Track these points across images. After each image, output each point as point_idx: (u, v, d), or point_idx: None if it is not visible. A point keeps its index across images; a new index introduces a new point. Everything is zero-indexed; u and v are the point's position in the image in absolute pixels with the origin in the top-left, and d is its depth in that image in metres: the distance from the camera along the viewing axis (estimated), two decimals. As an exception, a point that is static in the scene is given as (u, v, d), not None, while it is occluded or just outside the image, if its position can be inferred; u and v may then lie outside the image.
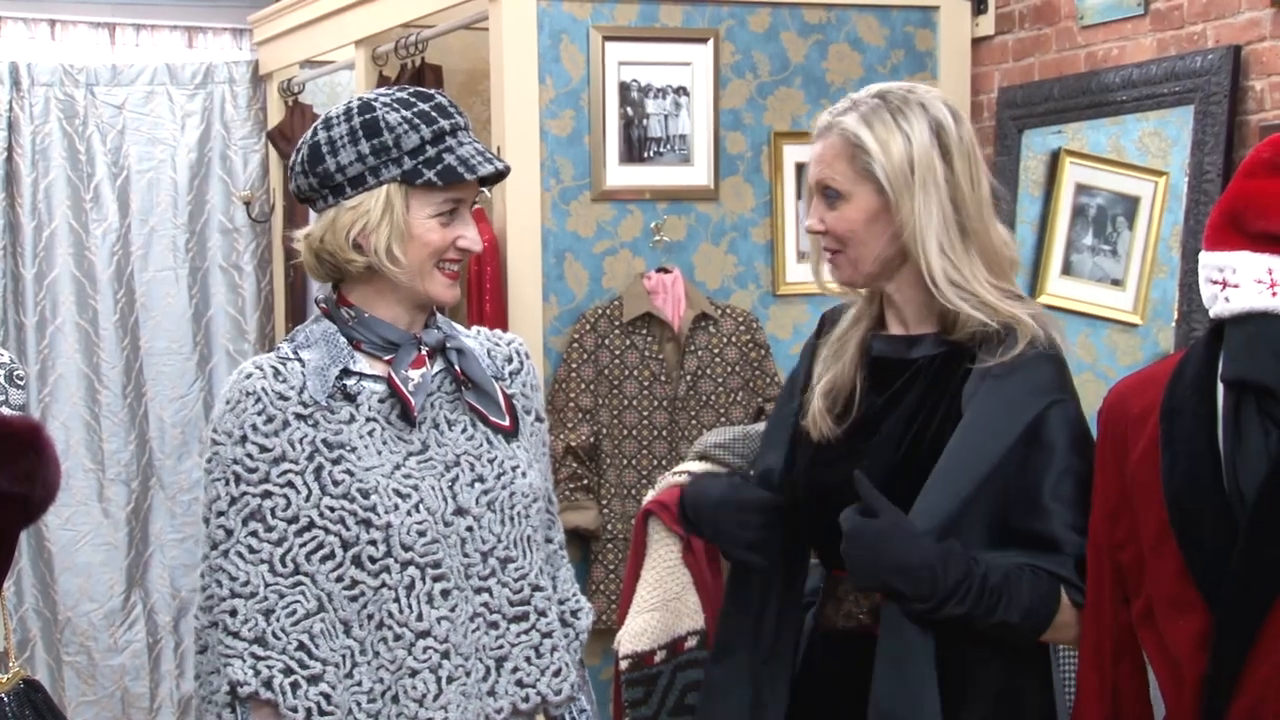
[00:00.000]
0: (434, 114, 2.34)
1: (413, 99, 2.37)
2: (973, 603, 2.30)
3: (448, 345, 2.43)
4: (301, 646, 2.29)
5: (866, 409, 2.48)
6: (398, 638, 2.33)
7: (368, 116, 2.33)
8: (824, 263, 2.53)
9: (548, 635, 2.44)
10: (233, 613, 2.31)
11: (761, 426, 3.70)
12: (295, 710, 2.27)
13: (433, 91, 2.40)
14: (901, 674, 2.35)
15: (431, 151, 2.31)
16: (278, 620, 2.31)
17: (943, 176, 2.41)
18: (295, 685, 2.28)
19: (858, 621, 2.47)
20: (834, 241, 2.46)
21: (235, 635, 2.30)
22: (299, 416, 2.32)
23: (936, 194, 2.41)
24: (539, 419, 2.56)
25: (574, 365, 4.03)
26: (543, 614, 2.44)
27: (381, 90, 2.40)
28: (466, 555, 2.38)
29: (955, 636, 2.34)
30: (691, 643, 3.12)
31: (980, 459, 2.34)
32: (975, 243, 2.43)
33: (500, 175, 2.40)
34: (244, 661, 2.29)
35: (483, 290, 3.96)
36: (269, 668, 2.28)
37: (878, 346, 2.52)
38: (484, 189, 2.52)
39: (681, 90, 4.16)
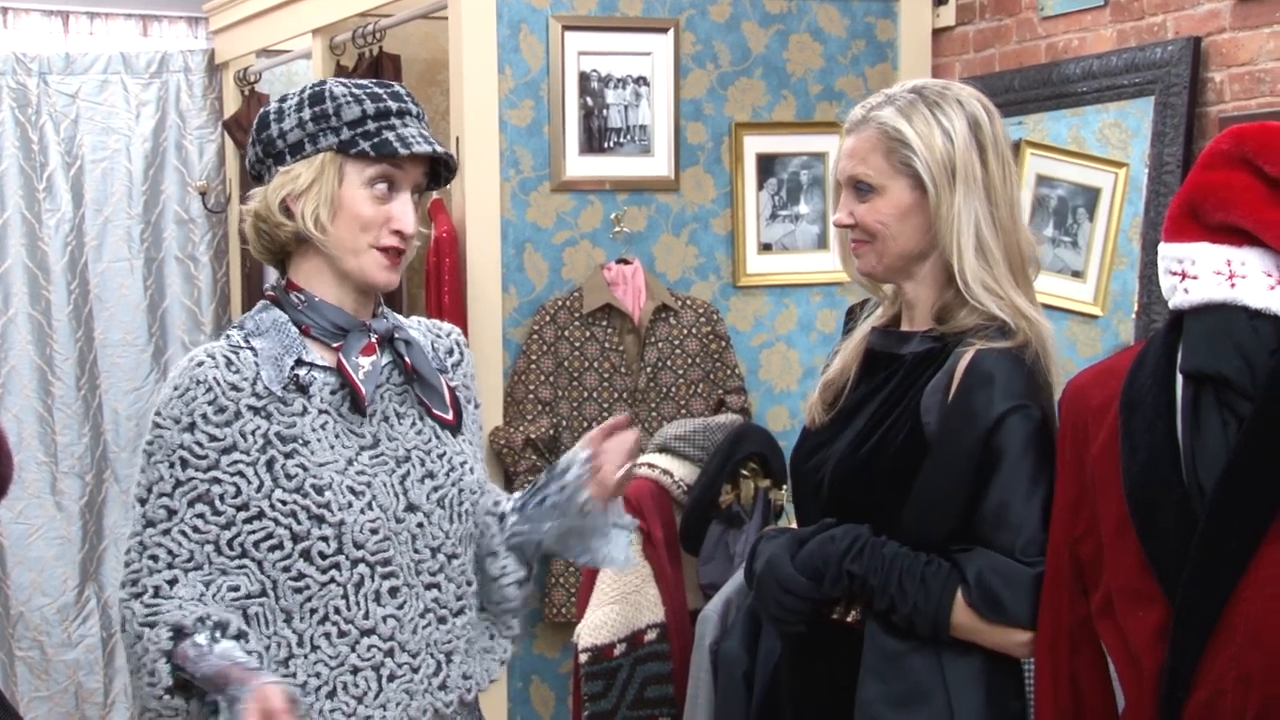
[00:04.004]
0: (384, 95, 2.35)
1: (369, 83, 2.39)
2: (868, 562, 2.34)
3: (396, 336, 2.42)
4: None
5: (847, 400, 2.51)
6: (342, 634, 2.31)
7: (316, 89, 2.36)
8: (850, 253, 2.53)
9: (474, 624, 2.46)
10: (172, 582, 2.28)
11: (723, 419, 3.71)
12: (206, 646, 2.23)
13: (394, 84, 2.41)
14: (886, 677, 2.37)
15: (372, 126, 2.32)
16: (218, 591, 2.28)
17: (980, 174, 2.42)
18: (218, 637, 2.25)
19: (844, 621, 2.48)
20: (863, 234, 2.46)
21: (167, 598, 2.26)
22: (252, 409, 2.31)
23: (975, 192, 2.41)
24: (477, 405, 2.57)
25: (533, 357, 4.03)
26: (475, 607, 2.46)
27: (344, 78, 2.41)
28: (416, 552, 2.37)
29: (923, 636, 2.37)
30: (651, 636, 3.12)
31: (952, 476, 2.36)
32: (1004, 242, 2.43)
33: (446, 166, 2.41)
34: (181, 611, 2.24)
35: (441, 281, 3.95)
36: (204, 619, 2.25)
37: (875, 340, 2.53)
38: (434, 189, 2.51)
39: (642, 80, 4.16)
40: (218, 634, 2.26)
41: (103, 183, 5.74)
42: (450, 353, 2.54)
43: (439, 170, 2.42)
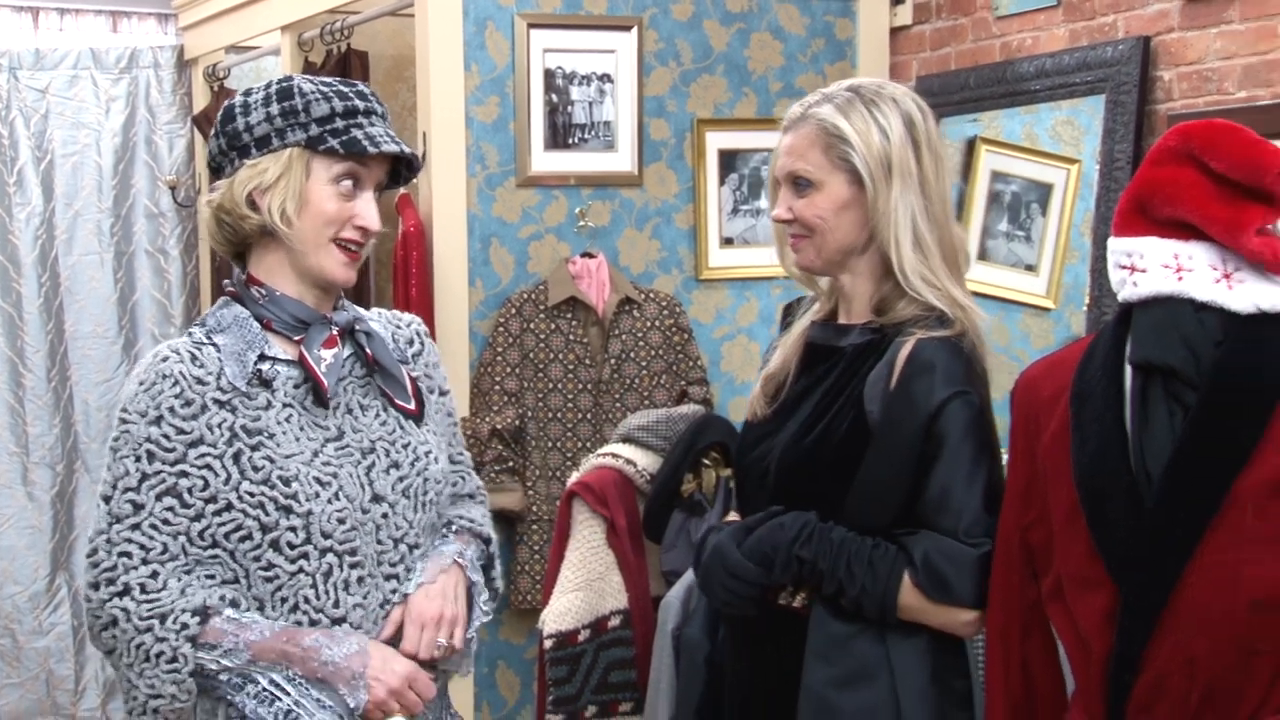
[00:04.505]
0: (351, 95, 2.35)
1: (335, 82, 2.39)
2: (817, 547, 2.35)
3: (357, 328, 2.42)
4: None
5: (789, 393, 2.52)
6: (313, 622, 2.31)
7: (284, 84, 2.34)
8: (788, 248, 2.54)
9: None
10: (154, 575, 2.27)
11: (685, 409, 3.72)
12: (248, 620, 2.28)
13: (359, 83, 2.40)
14: (832, 660, 2.38)
15: (340, 123, 2.32)
16: (198, 580, 2.29)
17: (914, 170, 2.44)
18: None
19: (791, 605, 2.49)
20: (801, 228, 2.48)
21: (162, 589, 2.27)
22: (217, 402, 2.30)
23: (911, 187, 2.43)
24: (442, 392, 2.56)
25: (499, 349, 4.03)
26: None
27: (314, 76, 2.41)
28: (380, 542, 2.37)
29: (871, 622, 2.38)
30: (615, 622, 3.13)
31: (894, 463, 2.38)
32: (938, 235, 2.46)
33: (408, 166, 2.41)
34: (185, 598, 2.26)
35: (409, 275, 3.95)
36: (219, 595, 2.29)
37: (814, 334, 2.55)
38: (402, 185, 2.52)
39: (606, 77, 4.16)
40: (237, 608, 2.30)
41: (73, 177, 5.71)
42: (411, 343, 2.53)
43: (399, 169, 2.42)
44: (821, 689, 2.37)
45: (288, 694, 2.27)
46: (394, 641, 2.36)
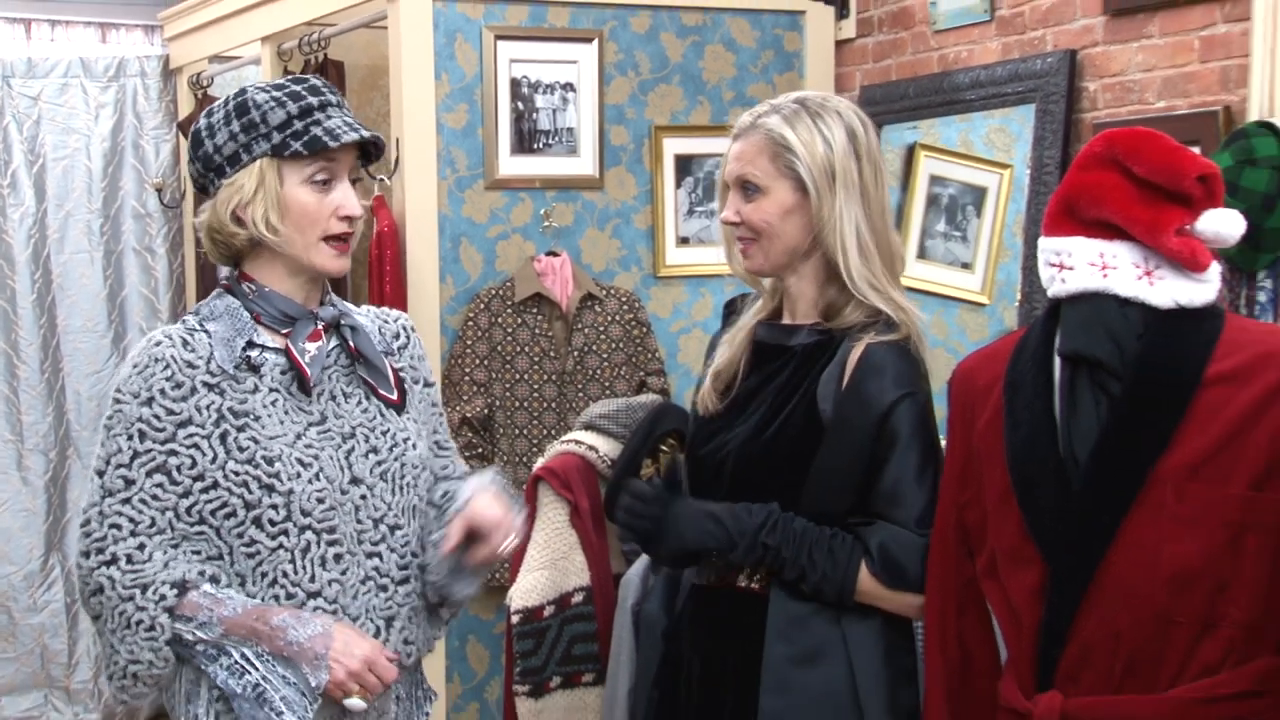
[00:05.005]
0: (303, 92, 2.32)
1: (286, 82, 2.36)
2: (781, 535, 2.36)
3: (342, 322, 2.41)
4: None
5: (741, 389, 2.52)
6: (290, 596, 2.30)
7: (239, 100, 2.33)
8: (736, 250, 2.54)
9: (419, 593, 2.44)
10: (140, 547, 2.27)
11: (644, 398, 3.71)
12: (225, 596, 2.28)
13: (310, 76, 2.38)
14: (791, 638, 2.39)
15: (299, 125, 2.30)
16: (184, 554, 2.28)
17: (856, 179, 2.44)
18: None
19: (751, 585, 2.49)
20: (748, 232, 2.48)
21: (147, 561, 2.27)
22: (206, 385, 2.29)
23: (853, 195, 2.44)
24: (427, 384, 2.55)
25: (469, 342, 4.02)
26: (419, 576, 2.44)
27: (265, 80, 2.38)
28: (360, 522, 2.36)
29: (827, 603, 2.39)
30: (578, 598, 3.12)
31: (847, 457, 2.39)
32: (878, 241, 2.46)
33: (375, 147, 2.38)
34: (168, 570, 2.26)
35: (383, 272, 3.93)
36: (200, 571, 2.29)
37: (762, 333, 2.55)
38: (379, 177, 2.50)
39: (569, 86, 4.15)
40: (215, 584, 2.29)
41: (64, 179, 5.65)
42: (397, 337, 2.52)
43: (368, 149, 2.40)
44: (782, 666, 2.37)
45: (256, 669, 2.27)
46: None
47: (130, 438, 2.28)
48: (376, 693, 2.30)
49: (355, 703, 2.28)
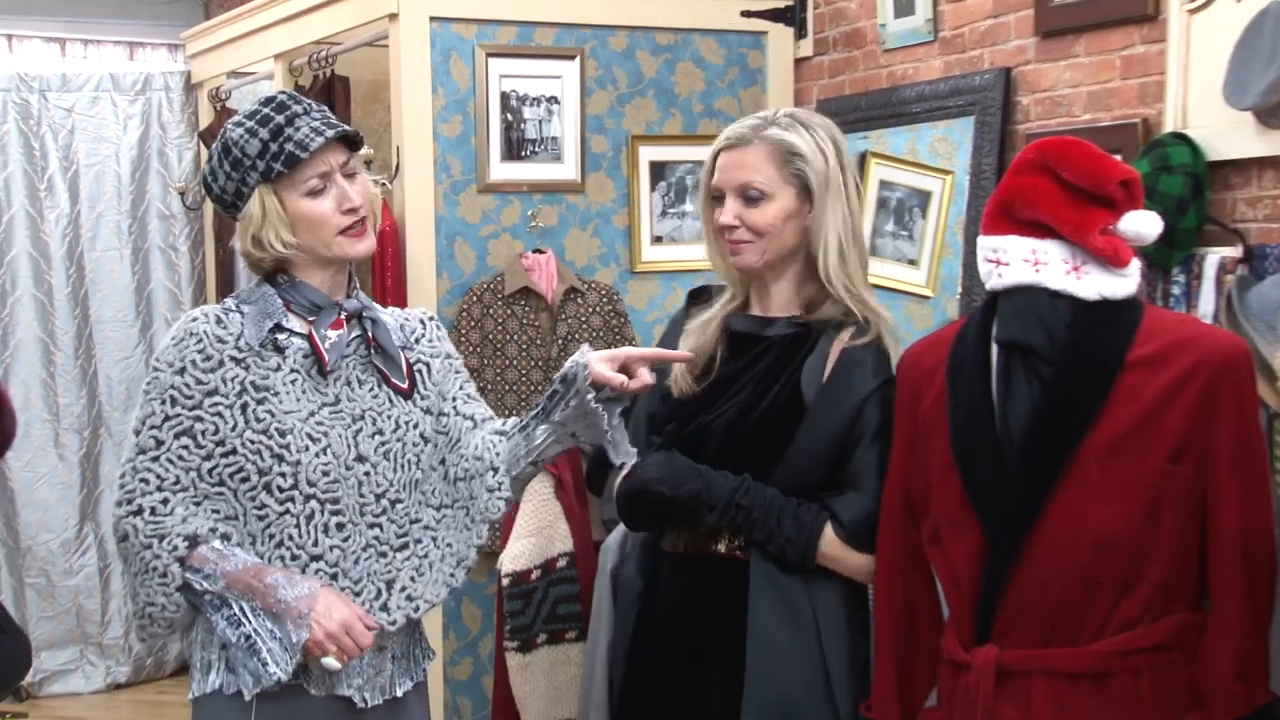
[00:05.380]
0: (270, 114, 2.31)
1: (257, 108, 2.34)
2: (753, 498, 2.36)
3: (364, 314, 2.41)
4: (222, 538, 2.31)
5: (722, 372, 2.50)
6: (294, 558, 2.31)
7: (222, 142, 2.33)
8: (723, 248, 2.49)
9: (425, 557, 2.42)
10: (164, 501, 2.28)
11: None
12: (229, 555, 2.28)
13: (279, 93, 2.36)
14: (771, 598, 2.38)
15: (274, 147, 2.29)
16: (204, 511, 2.29)
17: (843, 188, 2.43)
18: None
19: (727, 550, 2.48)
20: (749, 234, 2.44)
21: (169, 514, 2.28)
22: (234, 359, 2.30)
23: (840, 202, 2.43)
24: (449, 356, 2.53)
25: (463, 331, 4.00)
26: (419, 541, 2.42)
27: (243, 111, 2.37)
28: (362, 496, 2.35)
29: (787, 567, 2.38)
30: (562, 563, 3.11)
31: (824, 439, 2.39)
32: (856, 246, 2.45)
33: (352, 139, 2.36)
34: (185, 525, 2.27)
35: (385, 269, 3.93)
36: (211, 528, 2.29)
37: (739, 324, 2.53)
38: (382, 181, 2.49)
39: (553, 99, 4.13)
40: (225, 542, 2.29)
41: (95, 184, 5.63)
42: (414, 331, 2.51)
43: (352, 141, 2.38)
44: (766, 623, 2.37)
45: (250, 622, 2.27)
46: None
47: (163, 402, 2.29)
48: (352, 656, 2.29)
49: (330, 662, 2.26)
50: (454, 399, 2.49)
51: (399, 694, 2.43)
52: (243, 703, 2.29)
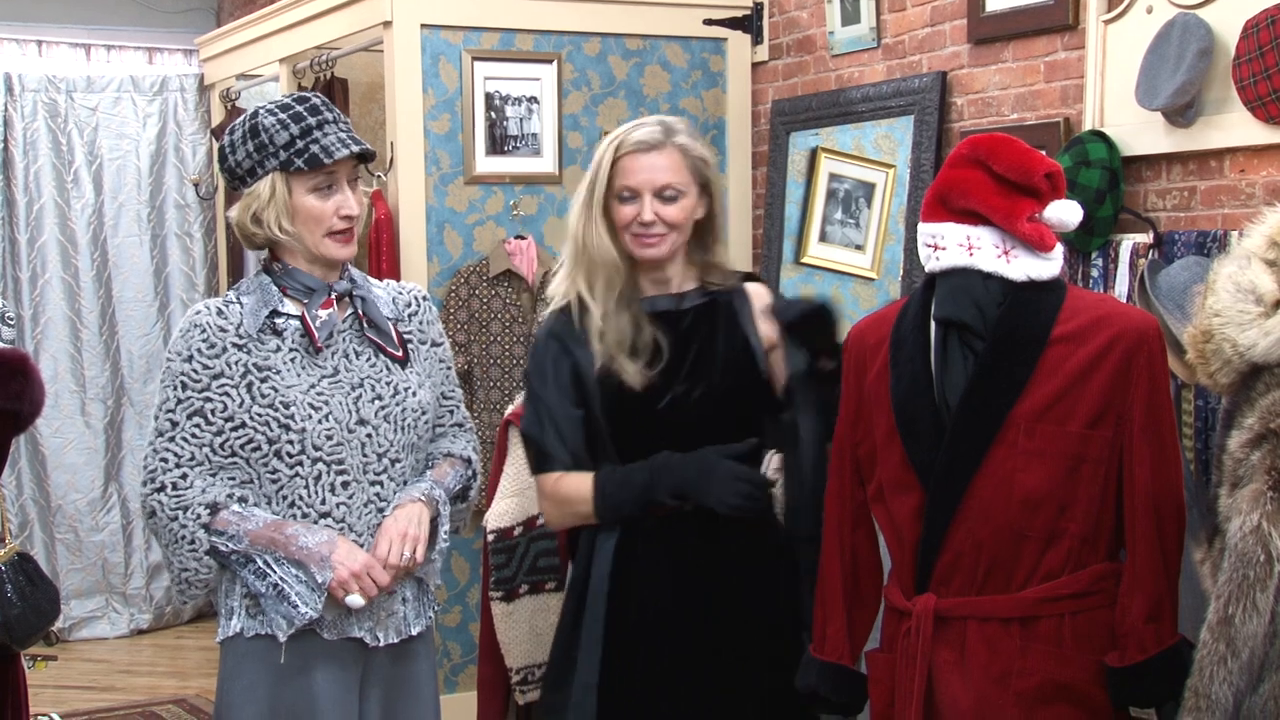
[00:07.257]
0: (304, 113, 2.30)
1: (291, 103, 2.32)
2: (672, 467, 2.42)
3: (354, 293, 2.39)
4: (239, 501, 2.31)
5: (670, 349, 2.44)
6: (305, 515, 2.31)
7: (252, 122, 2.31)
8: (627, 241, 2.42)
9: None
10: (184, 476, 2.28)
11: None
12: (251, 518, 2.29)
13: (311, 95, 2.34)
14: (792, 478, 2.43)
15: (300, 144, 2.27)
16: (221, 481, 2.29)
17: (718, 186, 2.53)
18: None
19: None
20: (666, 227, 2.42)
21: (189, 488, 2.28)
22: (235, 345, 2.30)
23: (719, 197, 2.52)
24: (435, 344, 2.50)
25: (452, 310, 3.97)
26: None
27: (275, 99, 2.35)
28: (365, 456, 2.35)
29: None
30: (542, 520, 3.09)
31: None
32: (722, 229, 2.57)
33: (368, 155, 2.35)
34: (205, 494, 2.27)
35: (380, 253, 3.91)
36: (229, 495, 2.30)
37: (658, 304, 2.46)
38: (377, 174, 2.47)
39: (533, 99, 4.10)
40: (244, 504, 2.30)
41: (117, 176, 5.60)
42: (408, 305, 2.49)
43: (364, 155, 2.36)
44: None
45: (275, 571, 2.27)
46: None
47: (175, 388, 2.29)
48: (372, 594, 2.29)
49: (355, 599, 2.28)
50: (436, 396, 2.50)
51: (414, 633, 2.43)
52: (264, 645, 2.30)
